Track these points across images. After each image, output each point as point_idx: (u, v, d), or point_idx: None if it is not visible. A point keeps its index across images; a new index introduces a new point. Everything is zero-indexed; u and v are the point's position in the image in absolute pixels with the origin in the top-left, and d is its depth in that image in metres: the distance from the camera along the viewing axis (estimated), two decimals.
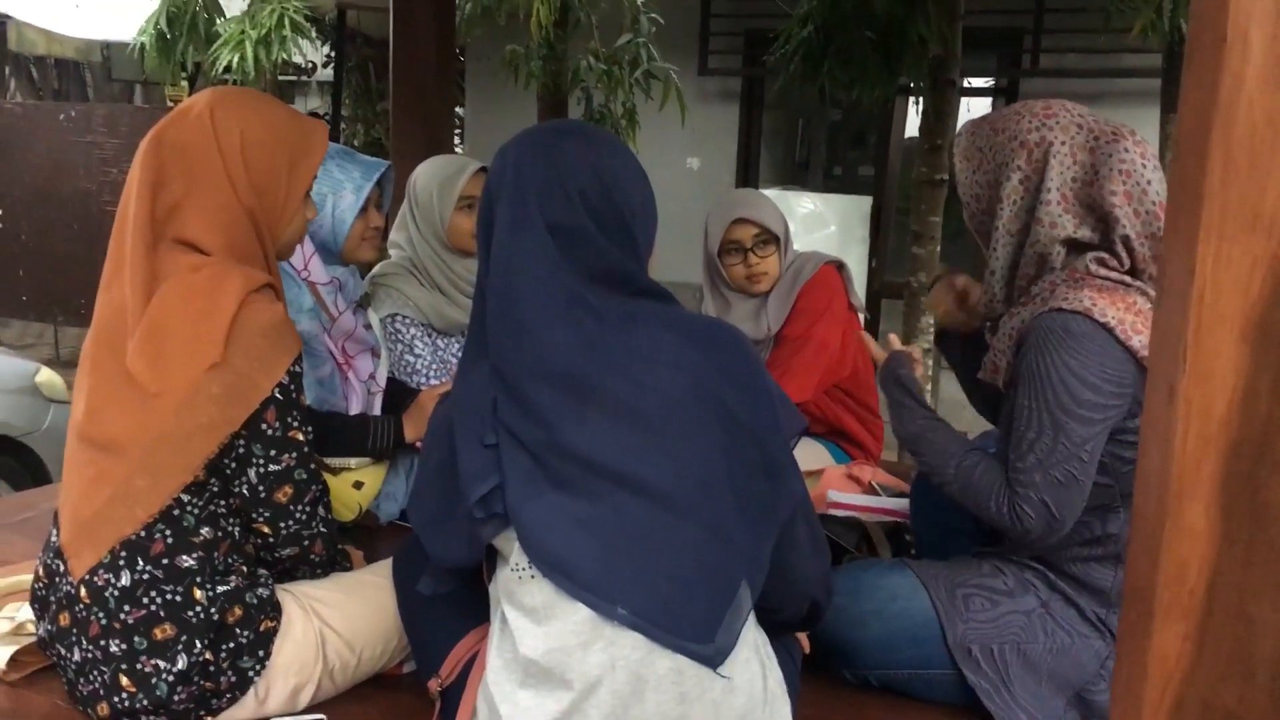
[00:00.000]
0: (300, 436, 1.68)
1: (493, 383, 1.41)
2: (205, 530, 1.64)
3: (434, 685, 1.63)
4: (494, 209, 1.45)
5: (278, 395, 1.63)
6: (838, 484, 2.72)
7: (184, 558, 1.61)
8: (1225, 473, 0.88)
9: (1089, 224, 1.76)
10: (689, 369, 1.38)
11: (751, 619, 1.41)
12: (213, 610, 1.61)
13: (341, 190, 2.36)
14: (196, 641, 1.59)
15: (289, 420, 1.66)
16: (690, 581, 1.34)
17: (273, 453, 1.64)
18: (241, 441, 1.62)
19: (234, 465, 1.63)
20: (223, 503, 1.67)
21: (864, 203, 7.69)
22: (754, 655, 1.41)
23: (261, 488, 1.65)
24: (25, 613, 1.88)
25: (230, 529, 1.68)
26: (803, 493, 1.46)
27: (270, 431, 1.64)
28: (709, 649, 1.33)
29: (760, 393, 1.42)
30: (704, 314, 2.73)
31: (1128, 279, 1.74)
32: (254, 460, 1.64)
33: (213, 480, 1.64)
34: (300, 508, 1.70)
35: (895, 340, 2.16)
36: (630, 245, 1.46)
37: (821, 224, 7.27)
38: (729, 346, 1.43)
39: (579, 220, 1.41)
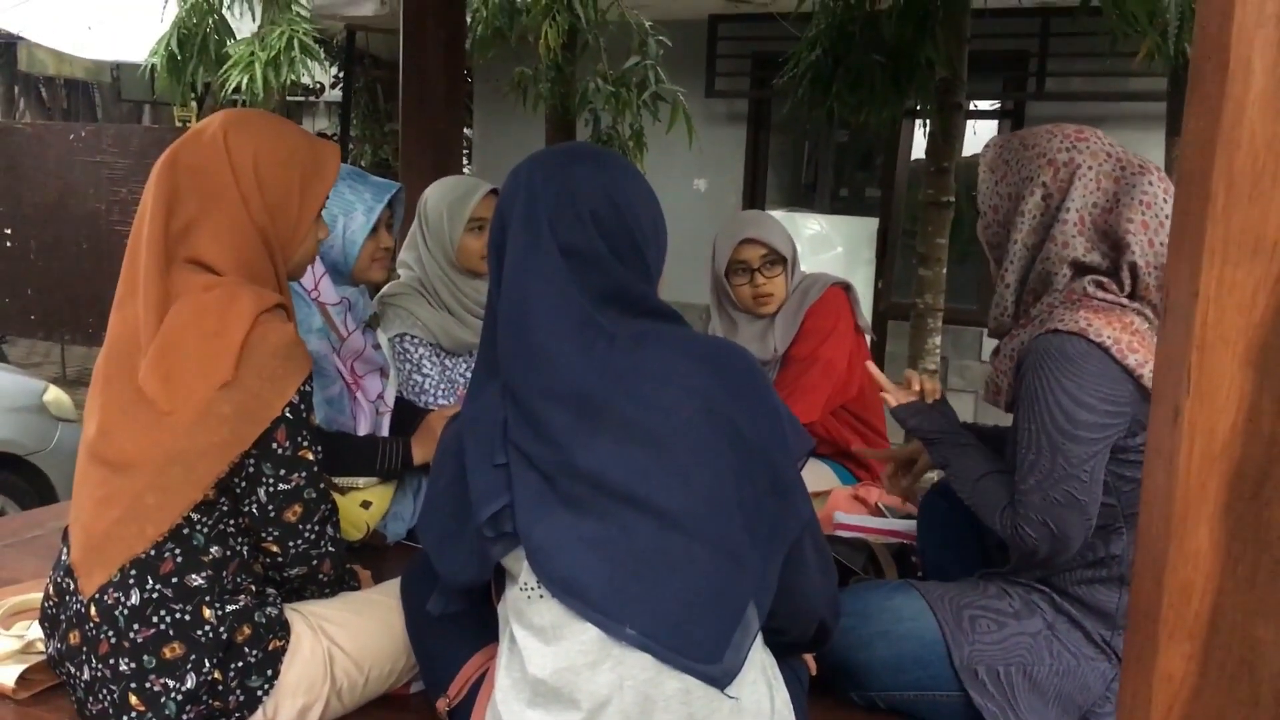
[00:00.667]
0: (310, 456, 1.69)
1: (504, 402, 1.42)
2: (214, 549, 1.64)
3: (442, 705, 1.64)
4: (506, 231, 1.46)
5: (288, 415, 1.64)
6: (844, 505, 2.72)
7: (193, 576, 1.62)
8: (1229, 494, 0.88)
9: (1100, 250, 1.79)
10: (699, 390, 1.39)
11: (759, 640, 1.42)
12: (222, 629, 1.61)
13: (353, 211, 2.38)
14: (205, 660, 1.60)
15: (299, 440, 1.67)
16: (699, 602, 1.34)
17: (282, 472, 1.65)
18: (252, 460, 1.63)
19: (244, 484, 1.64)
20: (232, 522, 1.67)
21: (870, 224, 7.70)
22: (761, 676, 1.42)
23: (271, 507, 1.66)
24: (34, 631, 1.89)
25: (239, 548, 1.69)
26: (810, 514, 1.47)
27: (280, 451, 1.65)
28: (716, 670, 1.34)
29: (769, 414, 1.43)
30: (712, 335, 2.74)
31: (1124, 301, 1.76)
32: (264, 479, 1.65)
33: (222, 499, 1.65)
34: (309, 527, 1.71)
35: (912, 377, 2.14)
36: (641, 267, 1.47)
37: (828, 245, 7.30)
38: (738, 367, 1.44)
39: (591, 242, 1.42)
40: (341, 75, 10.64)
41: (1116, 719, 1.00)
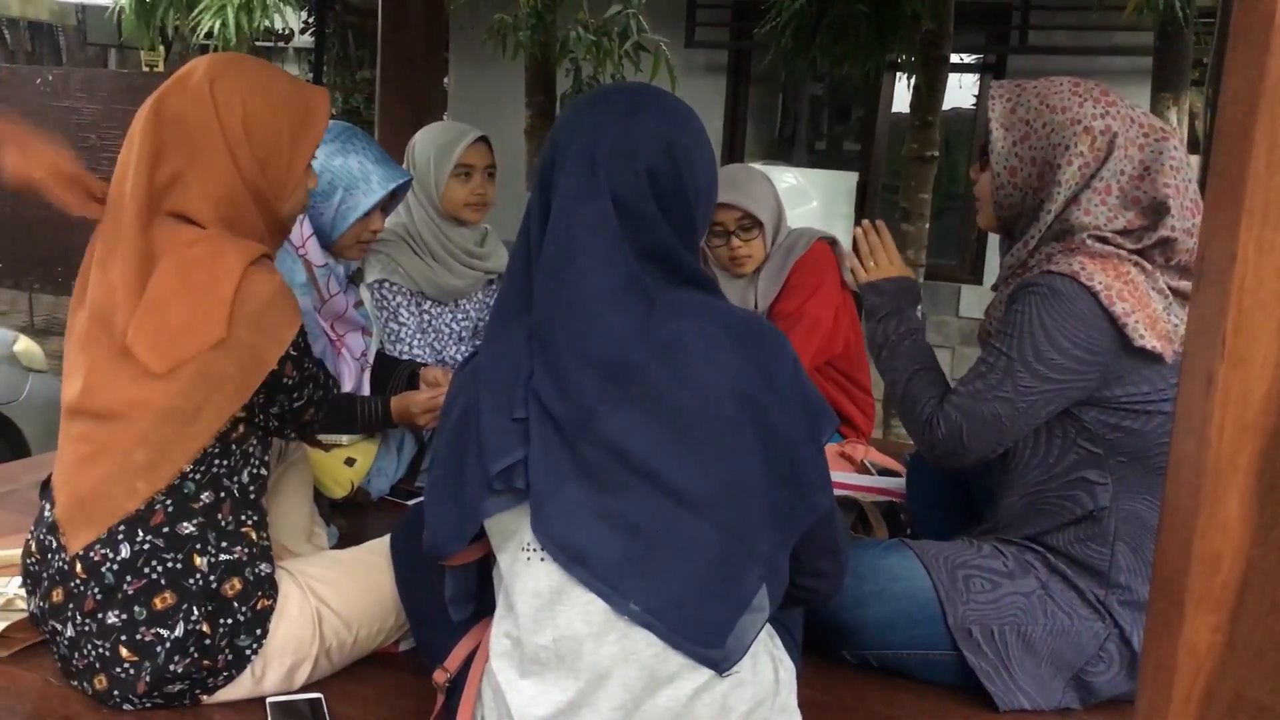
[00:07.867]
0: (315, 371, 1.74)
1: (530, 350, 1.36)
2: (205, 495, 1.61)
3: (440, 677, 1.56)
4: (556, 167, 1.39)
5: (292, 352, 1.64)
6: (831, 463, 2.71)
7: (184, 524, 1.60)
8: (1262, 462, 0.86)
9: (1124, 218, 1.77)
10: (731, 369, 1.34)
11: None
12: (212, 578, 1.59)
13: (355, 189, 2.31)
14: (194, 608, 1.57)
15: (305, 366, 1.70)
16: (706, 585, 1.31)
17: (295, 395, 1.70)
18: (260, 397, 1.63)
19: (251, 419, 1.67)
20: (223, 462, 1.64)
21: (849, 178, 7.63)
22: (764, 649, 1.40)
23: (287, 417, 1.72)
24: (13, 587, 1.85)
25: (231, 486, 1.65)
26: (828, 506, 1.42)
27: (289, 381, 1.67)
28: (718, 654, 1.31)
29: (798, 400, 1.38)
30: (749, 310, 2.69)
31: (1123, 251, 1.74)
32: (275, 404, 1.68)
33: (215, 444, 1.61)
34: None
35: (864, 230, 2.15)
36: (690, 228, 1.42)
37: (804, 199, 7.22)
38: (772, 347, 1.39)
39: (643, 200, 1.36)
40: (313, 20, 10.44)
41: (1139, 690, 0.99)
